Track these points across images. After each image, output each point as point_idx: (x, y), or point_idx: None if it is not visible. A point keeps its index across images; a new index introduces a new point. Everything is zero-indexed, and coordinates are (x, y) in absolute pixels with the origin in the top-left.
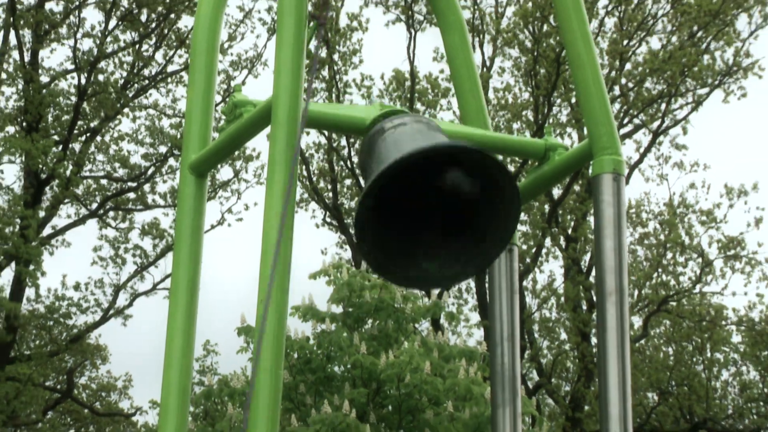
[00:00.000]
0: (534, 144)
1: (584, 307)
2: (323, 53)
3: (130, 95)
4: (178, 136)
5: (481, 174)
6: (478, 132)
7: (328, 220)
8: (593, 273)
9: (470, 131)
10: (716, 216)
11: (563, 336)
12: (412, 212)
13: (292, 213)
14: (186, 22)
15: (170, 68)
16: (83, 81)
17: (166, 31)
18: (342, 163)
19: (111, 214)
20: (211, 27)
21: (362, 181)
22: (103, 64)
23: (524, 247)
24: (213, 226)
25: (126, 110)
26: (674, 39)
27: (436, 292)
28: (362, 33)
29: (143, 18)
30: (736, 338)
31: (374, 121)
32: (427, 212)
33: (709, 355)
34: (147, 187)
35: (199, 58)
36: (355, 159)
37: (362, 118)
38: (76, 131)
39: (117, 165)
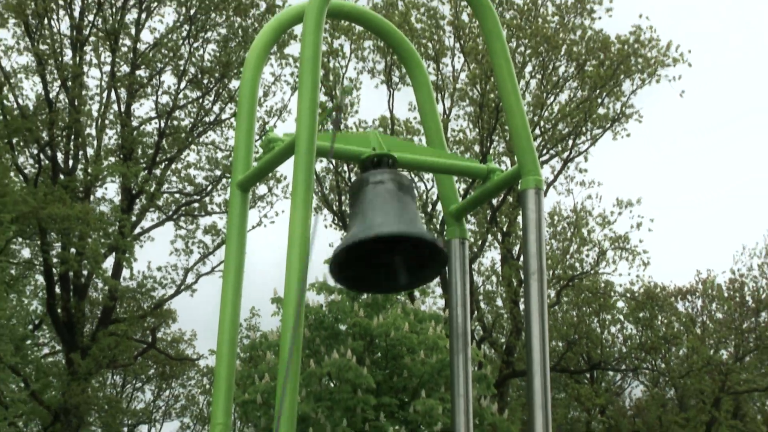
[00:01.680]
0: (479, 168)
1: (515, 283)
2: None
3: (195, 135)
4: (229, 164)
5: (423, 246)
6: (440, 159)
7: (335, 222)
8: (521, 258)
9: (435, 159)
10: (609, 219)
11: (500, 303)
12: (370, 256)
13: (309, 217)
14: (234, 84)
15: (223, 116)
16: (162, 125)
17: (221, 90)
18: (344, 183)
19: (182, 218)
20: (252, 88)
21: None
22: (176, 113)
23: (472, 240)
24: (254, 227)
25: (192, 146)
26: (578, 95)
27: None
28: (357, 91)
29: (205, 81)
30: (620, 304)
31: (364, 161)
32: (380, 255)
33: (602, 316)
34: (207, 199)
35: (243, 109)
36: (353, 177)
37: (358, 153)
38: (157, 160)
39: (186, 184)
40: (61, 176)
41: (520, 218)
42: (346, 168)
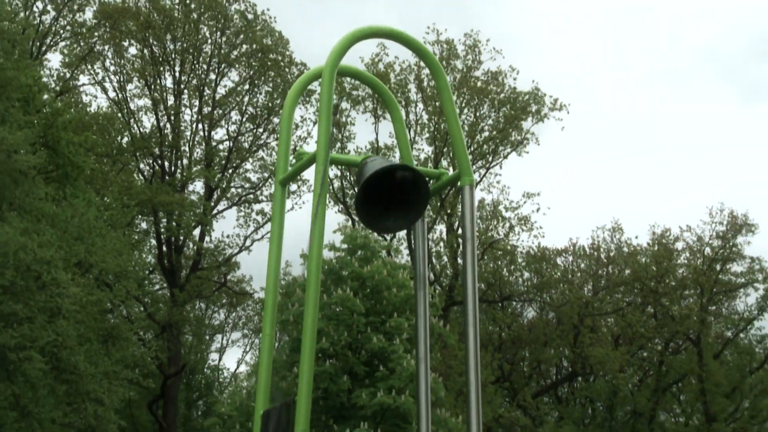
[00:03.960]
0: (433, 172)
1: (455, 246)
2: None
3: (252, 151)
4: (273, 169)
5: (411, 179)
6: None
7: (340, 210)
8: (460, 230)
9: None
10: (519, 204)
11: (445, 260)
12: (380, 199)
13: (324, 205)
14: (276, 120)
15: (269, 141)
16: (231, 145)
17: (268, 124)
18: (348, 184)
19: (243, 204)
20: (288, 122)
21: (356, 187)
22: (240, 138)
23: (429, 218)
24: (289, 210)
25: (250, 158)
26: (494, 132)
27: (389, 237)
28: (354, 126)
29: (258, 117)
30: (520, 260)
31: (362, 161)
32: (387, 199)
33: (510, 267)
34: (259, 192)
35: (283, 135)
36: (354, 179)
37: (357, 161)
38: (227, 167)
39: (245, 182)
40: (167, 177)
41: (459, 205)
42: (349, 174)
